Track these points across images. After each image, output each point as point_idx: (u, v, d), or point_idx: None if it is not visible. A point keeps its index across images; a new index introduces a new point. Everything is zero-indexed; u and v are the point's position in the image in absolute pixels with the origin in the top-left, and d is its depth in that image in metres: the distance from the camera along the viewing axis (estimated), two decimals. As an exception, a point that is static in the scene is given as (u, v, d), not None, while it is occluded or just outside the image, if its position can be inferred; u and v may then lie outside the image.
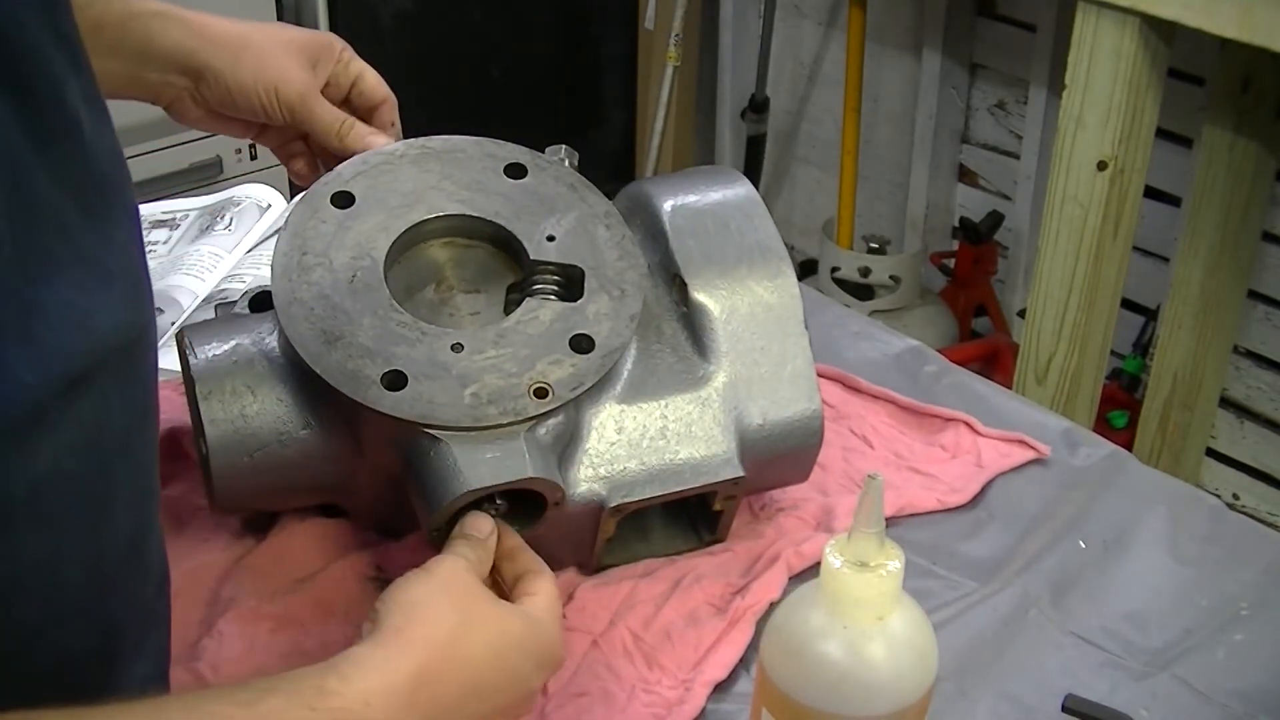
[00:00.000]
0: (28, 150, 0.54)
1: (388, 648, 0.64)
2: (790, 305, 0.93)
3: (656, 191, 0.96)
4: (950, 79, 2.56)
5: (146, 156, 2.14)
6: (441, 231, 0.89)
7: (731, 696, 0.85)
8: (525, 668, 0.70)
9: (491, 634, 0.68)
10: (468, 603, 0.69)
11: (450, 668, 0.65)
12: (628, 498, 0.87)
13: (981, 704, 0.85)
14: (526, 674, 0.70)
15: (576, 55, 2.77)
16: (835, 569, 0.65)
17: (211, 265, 1.22)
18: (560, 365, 0.82)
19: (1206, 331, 2.12)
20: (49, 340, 0.54)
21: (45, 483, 0.56)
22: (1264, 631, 0.92)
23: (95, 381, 0.58)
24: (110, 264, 0.59)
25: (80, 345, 0.56)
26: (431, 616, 0.66)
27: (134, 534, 0.66)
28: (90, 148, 0.59)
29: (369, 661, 0.63)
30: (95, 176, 0.59)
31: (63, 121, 0.57)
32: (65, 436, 0.56)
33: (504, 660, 0.68)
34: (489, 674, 0.67)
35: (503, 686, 0.68)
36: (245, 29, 0.96)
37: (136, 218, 0.63)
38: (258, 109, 0.97)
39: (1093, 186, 1.78)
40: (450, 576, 0.70)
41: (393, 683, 0.62)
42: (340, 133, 0.97)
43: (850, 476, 1.04)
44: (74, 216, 0.57)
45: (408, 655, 0.64)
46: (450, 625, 0.66)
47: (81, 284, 0.56)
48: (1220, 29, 1.59)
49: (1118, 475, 1.06)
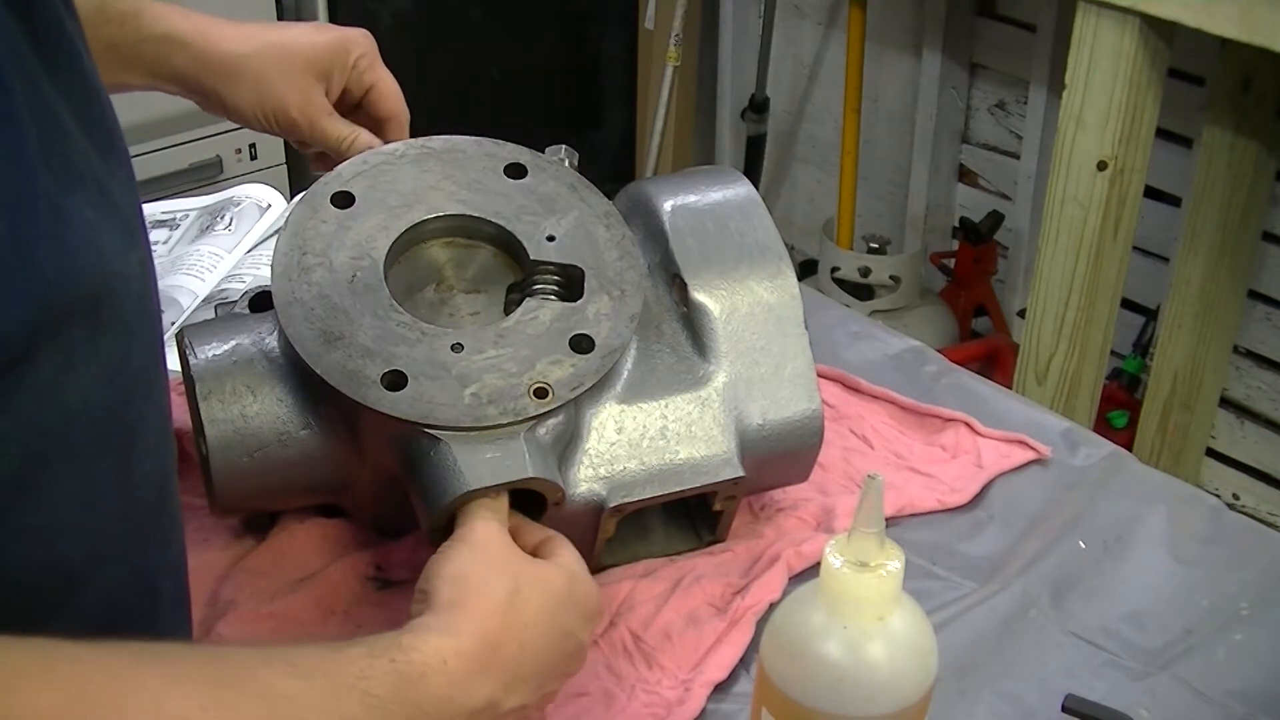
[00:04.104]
0: (37, 65, 0.55)
1: (450, 617, 0.65)
2: (790, 305, 0.93)
3: (656, 191, 0.96)
4: (950, 79, 2.56)
5: (146, 156, 2.14)
6: (441, 231, 0.89)
7: (731, 696, 0.85)
8: (574, 623, 0.72)
9: (542, 594, 0.70)
10: (514, 566, 0.70)
11: (510, 631, 0.67)
12: (628, 498, 0.87)
13: (981, 704, 0.85)
14: (575, 628, 0.72)
15: (576, 55, 2.77)
16: (835, 569, 0.65)
17: (211, 265, 1.22)
18: (560, 365, 0.82)
19: (1206, 331, 2.12)
20: (74, 248, 0.55)
21: (77, 416, 0.58)
22: (1264, 631, 0.92)
23: (114, 310, 0.59)
24: (115, 196, 0.60)
25: (96, 263, 0.57)
26: (483, 586, 0.68)
27: (160, 480, 0.67)
28: (92, 80, 0.60)
29: (437, 627, 0.65)
30: (97, 111, 0.61)
31: (64, 49, 0.58)
32: (91, 370, 0.58)
33: (556, 618, 0.70)
34: (544, 632, 0.69)
35: (557, 644, 0.70)
36: (247, 50, 0.96)
37: (132, 170, 0.65)
38: (260, 129, 0.98)
39: (1093, 186, 1.78)
40: (489, 542, 0.71)
41: (463, 646, 0.64)
42: (344, 149, 0.97)
43: (850, 476, 1.04)
44: (83, 141, 0.58)
45: (472, 622, 0.65)
46: (505, 591, 0.68)
47: (97, 205, 0.58)
48: (1220, 29, 1.59)
49: (1118, 475, 1.06)
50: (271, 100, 0.96)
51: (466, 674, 0.64)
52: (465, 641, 0.64)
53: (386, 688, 0.60)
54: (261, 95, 0.96)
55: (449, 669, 0.63)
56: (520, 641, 0.67)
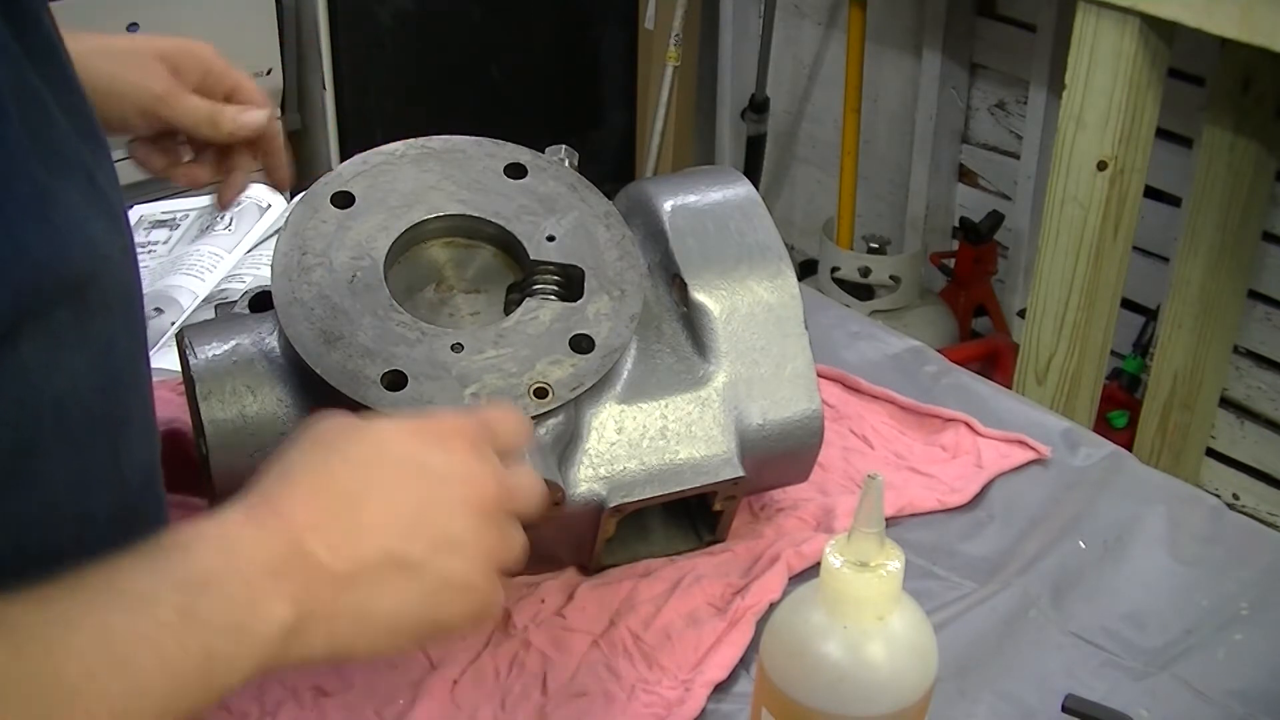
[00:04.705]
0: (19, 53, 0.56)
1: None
2: (790, 305, 0.93)
3: (656, 191, 0.96)
4: (950, 79, 2.56)
5: (146, 156, 2.14)
6: (441, 231, 0.89)
7: (731, 696, 0.85)
8: (417, 450, 0.63)
9: (356, 440, 0.63)
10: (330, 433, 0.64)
11: (303, 482, 0.61)
12: (628, 498, 0.87)
13: (981, 704, 0.85)
14: (423, 455, 0.63)
15: (576, 55, 2.77)
16: (835, 569, 0.65)
17: (211, 265, 1.22)
18: (560, 365, 0.82)
19: (1206, 331, 2.12)
20: (62, 231, 0.56)
21: (67, 401, 0.58)
22: (1264, 631, 0.92)
23: (99, 294, 0.59)
24: (102, 184, 0.60)
25: (84, 247, 0.57)
26: (294, 459, 0.63)
27: (148, 466, 0.68)
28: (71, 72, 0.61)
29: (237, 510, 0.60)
30: (79, 101, 0.61)
31: (43, 39, 0.58)
32: (78, 354, 0.58)
33: (385, 449, 0.63)
34: (366, 466, 0.62)
35: (398, 477, 0.62)
36: (90, 48, 0.90)
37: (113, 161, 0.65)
38: (117, 124, 0.92)
39: (1093, 186, 1.78)
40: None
41: (243, 510, 0.60)
42: (213, 120, 0.92)
43: (850, 476, 1.04)
44: (69, 129, 0.59)
45: (259, 490, 0.61)
46: (304, 456, 0.63)
47: (84, 191, 0.58)
48: (1220, 29, 1.59)
49: (1118, 475, 1.06)
50: (130, 79, 0.92)
51: (239, 524, 0.59)
52: (245, 506, 0.60)
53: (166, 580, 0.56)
54: (116, 82, 0.91)
55: (225, 530, 0.58)
56: (326, 487, 0.61)
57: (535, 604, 0.89)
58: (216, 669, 0.55)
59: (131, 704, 0.52)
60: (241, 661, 0.56)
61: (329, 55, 2.34)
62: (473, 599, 0.64)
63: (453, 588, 0.62)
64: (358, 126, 2.41)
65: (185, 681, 0.54)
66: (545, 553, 0.92)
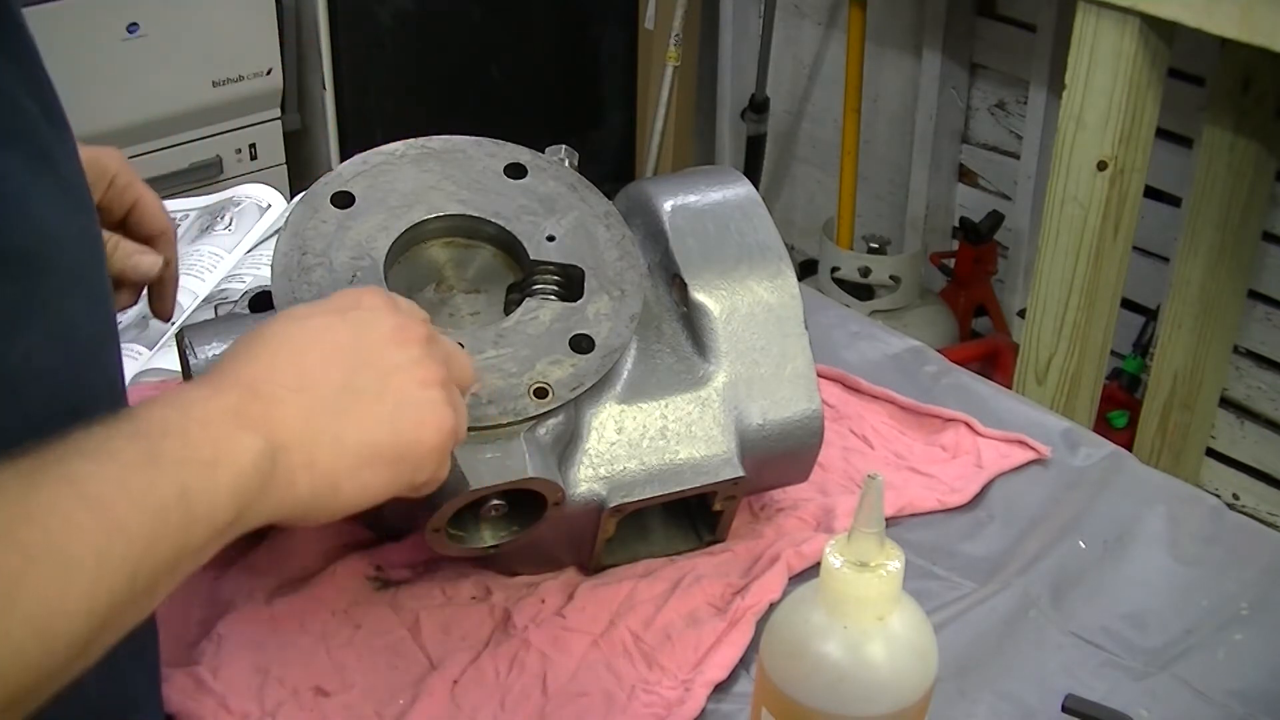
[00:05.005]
0: None
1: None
2: (790, 305, 0.93)
3: (656, 191, 0.96)
4: (950, 79, 2.56)
5: (147, 156, 2.14)
6: (441, 231, 0.89)
7: (731, 696, 0.85)
8: (344, 300, 0.68)
9: (290, 314, 0.67)
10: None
11: (256, 338, 0.64)
12: (628, 498, 0.87)
13: (981, 704, 0.85)
14: (346, 303, 0.67)
15: (576, 55, 2.77)
16: (835, 569, 0.65)
17: (211, 265, 1.22)
18: (560, 365, 0.82)
19: (1206, 331, 2.12)
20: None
21: (23, 381, 0.58)
22: (1264, 631, 0.92)
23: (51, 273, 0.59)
24: (59, 161, 0.60)
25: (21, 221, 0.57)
26: (225, 353, 0.65)
27: None
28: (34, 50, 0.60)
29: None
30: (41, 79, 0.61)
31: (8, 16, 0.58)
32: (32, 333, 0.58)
33: (321, 306, 0.67)
34: (307, 319, 0.66)
35: (325, 319, 0.66)
36: None
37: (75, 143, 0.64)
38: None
39: (1093, 186, 1.78)
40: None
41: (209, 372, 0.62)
42: (111, 253, 0.88)
43: (850, 476, 1.04)
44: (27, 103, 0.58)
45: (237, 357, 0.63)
46: (247, 338, 0.65)
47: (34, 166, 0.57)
48: (1220, 29, 1.59)
49: (1118, 475, 1.06)
50: None
51: (187, 388, 0.60)
52: (188, 384, 0.61)
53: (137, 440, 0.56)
54: None
55: (174, 394, 0.59)
56: (267, 351, 0.63)
57: (535, 604, 0.89)
58: (195, 505, 0.54)
59: (113, 543, 0.51)
60: (220, 496, 0.56)
61: (329, 55, 2.34)
62: (435, 414, 0.66)
63: (412, 404, 0.65)
64: (358, 126, 2.41)
65: (164, 519, 0.53)
66: (545, 553, 0.92)
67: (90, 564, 0.50)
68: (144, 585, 0.52)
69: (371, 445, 0.64)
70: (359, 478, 0.63)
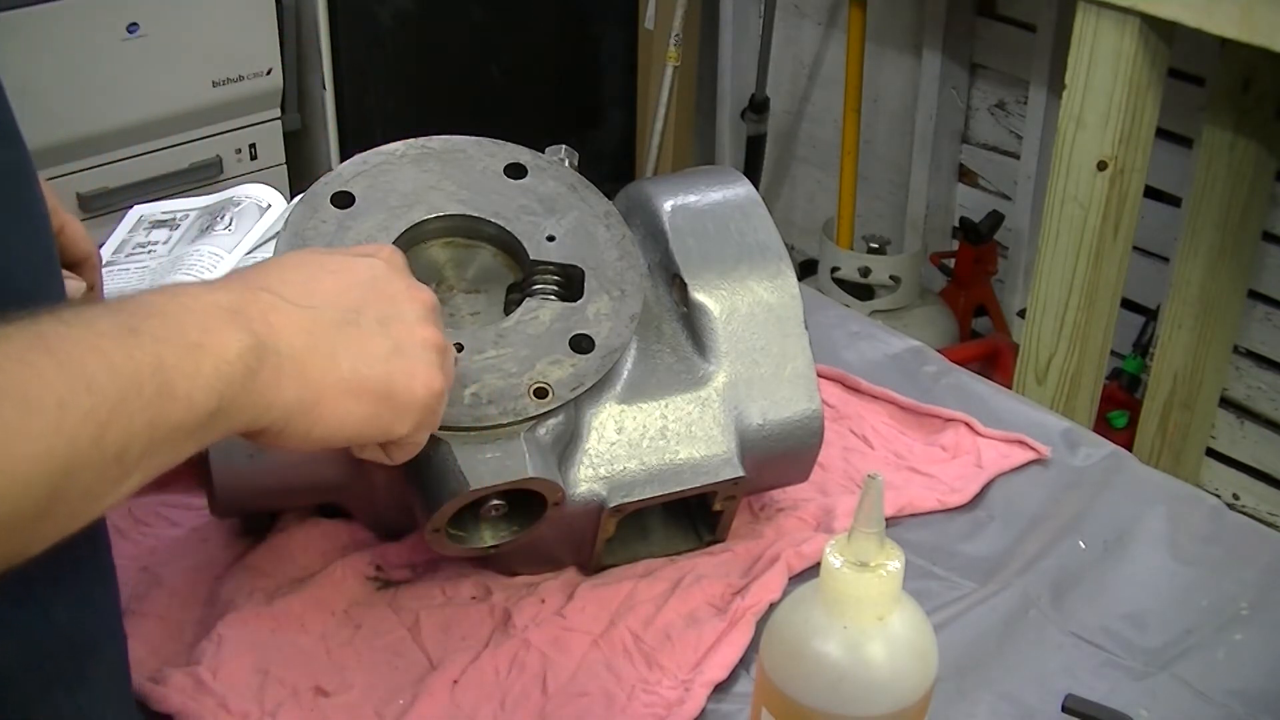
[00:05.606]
0: None
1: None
2: (790, 305, 0.93)
3: (656, 191, 0.96)
4: (950, 79, 2.56)
5: (146, 156, 2.14)
6: (441, 231, 0.89)
7: (731, 696, 0.85)
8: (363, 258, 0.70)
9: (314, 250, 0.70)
10: None
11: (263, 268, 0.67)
12: (628, 498, 0.87)
13: (981, 704, 0.85)
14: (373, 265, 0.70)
15: (576, 55, 2.77)
16: (835, 569, 0.65)
17: (211, 265, 1.22)
18: (560, 365, 0.82)
19: (1206, 331, 2.12)
20: None
21: None
22: (1264, 631, 0.92)
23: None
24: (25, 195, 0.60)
25: None
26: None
27: None
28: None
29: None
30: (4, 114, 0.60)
31: None
32: None
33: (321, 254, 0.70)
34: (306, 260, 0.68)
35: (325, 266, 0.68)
36: None
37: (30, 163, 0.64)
38: None
39: (1093, 186, 1.78)
40: None
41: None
42: None
43: (850, 476, 1.04)
44: None
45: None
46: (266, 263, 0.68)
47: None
48: (1220, 29, 1.59)
49: (1118, 475, 1.06)
50: None
51: (189, 285, 0.62)
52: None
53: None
54: None
55: (173, 288, 0.60)
56: (283, 267, 0.67)
57: (535, 604, 0.89)
58: (174, 382, 0.54)
59: (76, 395, 0.50)
60: (202, 379, 0.55)
61: (329, 55, 2.34)
62: (427, 370, 0.68)
63: (410, 354, 0.67)
64: (358, 126, 2.41)
65: (137, 385, 0.52)
66: (545, 553, 0.92)
67: (51, 408, 0.49)
68: (113, 450, 0.52)
69: (362, 376, 0.65)
70: (342, 404, 0.64)
